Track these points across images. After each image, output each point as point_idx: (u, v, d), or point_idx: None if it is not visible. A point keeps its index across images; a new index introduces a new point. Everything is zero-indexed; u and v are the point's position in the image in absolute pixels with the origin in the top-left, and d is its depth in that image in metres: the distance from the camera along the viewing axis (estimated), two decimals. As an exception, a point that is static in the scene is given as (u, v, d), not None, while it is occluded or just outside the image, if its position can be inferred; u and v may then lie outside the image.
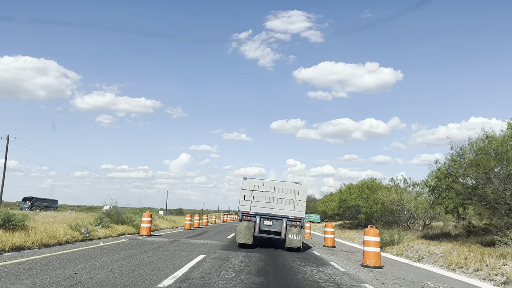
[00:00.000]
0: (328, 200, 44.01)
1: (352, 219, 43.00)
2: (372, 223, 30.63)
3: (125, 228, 18.06)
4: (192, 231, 21.95)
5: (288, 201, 12.13)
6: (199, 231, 21.61)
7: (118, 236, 15.76)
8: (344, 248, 16.33)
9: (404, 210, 24.74)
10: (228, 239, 16.21)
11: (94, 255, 8.86)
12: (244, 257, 9.99)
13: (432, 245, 15.03)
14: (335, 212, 38.98)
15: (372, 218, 29.70)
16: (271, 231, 12.25)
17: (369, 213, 28.52)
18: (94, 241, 12.57)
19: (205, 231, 22.00)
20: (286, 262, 9.71)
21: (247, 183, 12.43)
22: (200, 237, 16.51)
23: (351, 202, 29.55)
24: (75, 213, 32.07)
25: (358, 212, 32.06)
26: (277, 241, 13.50)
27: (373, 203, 28.18)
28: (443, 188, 15.46)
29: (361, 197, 29.36)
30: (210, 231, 22.95)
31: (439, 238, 19.29)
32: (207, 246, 12.57)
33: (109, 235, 15.28)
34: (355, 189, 30.19)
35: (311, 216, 56.84)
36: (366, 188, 29.64)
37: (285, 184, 12.41)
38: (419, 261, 13.11)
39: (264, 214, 12.20)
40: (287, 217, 12.07)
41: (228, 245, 13.21)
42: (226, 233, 21.34)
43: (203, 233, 19.80)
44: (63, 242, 11.57)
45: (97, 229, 16.02)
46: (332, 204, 40.94)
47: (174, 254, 9.68)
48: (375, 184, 29.92)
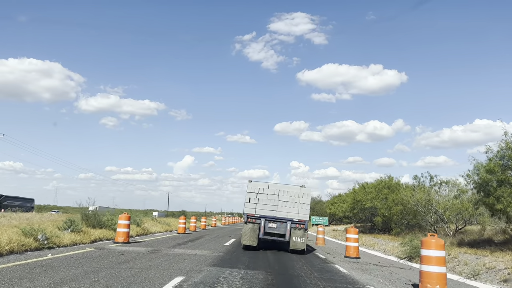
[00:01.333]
0: (338, 201, 40.68)
1: (363, 222, 39.60)
2: (390, 227, 27.25)
3: (103, 233, 14.99)
4: (185, 236, 18.75)
5: (292, 204, 12.20)
6: (193, 236, 18.40)
7: (91, 242, 12.75)
8: (372, 259, 13.05)
9: (431, 212, 21.40)
10: (225, 248, 12.97)
11: (13, 278, 5.69)
12: (242, 280, 6.76)
13: (481, 256, 11.81)
14: (346, 214, 35.65)
15: (390, 221, 26.35)
16: (276, 233, 12.27)
17: (388, 216, 25.17)
18: (53, 250, 9.61)
19: (200, 236, 18.79)
20: (304, 286, 6.51)
21: (252, 186, 12.48)
22: (190, 245, 13.29)
23: (366, 203, 26.24)
24: (57, 215, 28.97)
25: (373, 215, 28.75)
26: (282, 243, 13.48)
27: (392, 204, 24.84)
28: (497, 183, 12.21)
29: (378, 198, 26.06)
30: (206, 235, 19.75)
31: (480, 245, 15.98)
32: (194, 259, 9.36)
33: (79, 241, 12.23)
34: (371, 189, 26.86)
35: (318, 219, 53.53)
36: (384, 187, 26.34)
37: (290, 187, 12.48)
38: (474, 277, 9.91)
39: (268, 217, 12.23)
40: (291, 220, 12.13)
41: (222, 258, 10.00)
42: (224, 239, 18.12)
43: (196, 239, 16.59)
44: (4, 252, 8.52)
45: (64, 234, 12.96)
46: (343, 205, 37.61)
47: (136, 277, 6.48)
48: (394, 183, 26.64)
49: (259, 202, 12.40)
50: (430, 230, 22.45)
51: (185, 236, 18.36)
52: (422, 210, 22.04)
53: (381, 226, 27.54)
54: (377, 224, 27.22)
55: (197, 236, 18.74)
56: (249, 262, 9.56)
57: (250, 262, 9.49)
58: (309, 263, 10.31)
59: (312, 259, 11.39)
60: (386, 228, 27.82)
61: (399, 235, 24.62)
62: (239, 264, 9.00)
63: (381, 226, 27.38)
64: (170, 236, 18.34)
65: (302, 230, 12.11)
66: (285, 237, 12.17)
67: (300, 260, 10.81)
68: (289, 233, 12.10)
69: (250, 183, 12.68)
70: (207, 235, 20.21)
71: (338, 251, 15.35)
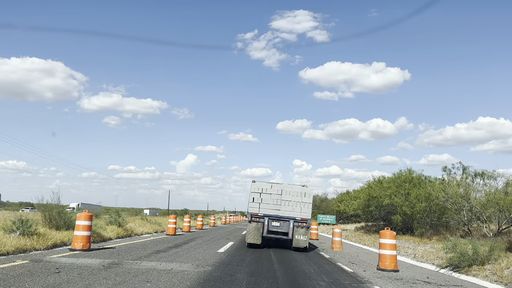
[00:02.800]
0: (348, 198, 37.42)
1: (376, 220, 36.30)
2: (412, 227, 23.94)
3: (69, 235, 11.96)
4: (174, 238, 15.57)
5: (294, 203, 12.49)
6: (182, 239, 15.21)
7: (48, 248, 9.89)
8: (415, 272, 9.79)
9: (464, 210, 18.11)
10: (217, 258, 9.79)
11: None
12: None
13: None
14: (357, 212, 32.36)
15: (412, 220, 23.06)
16: (279, 231, 12.57)
17: (409, 214, 21.88)
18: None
19: (191, 239, 15.60)
20: None
21: (256, 186, 12.78)
22: (170, 254, 10.10)
23: (385, 200, 22.95)
24: (32, 213, 25.79)
25: (390, 213, 25.46)
26: (285, 241, 13.95)
27: (416, 201, 21.56)
28: None
29: (398, 193, 22.78)
30: (200, 238, 16.56)
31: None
32: (163, 281, 6.16)
33: (30, 247, 9.35)
34: (389, 183, 23.55)
35: (325, 217, 50.13)
36: (404, 181, 23.06)
37: (292, 187, 12.76)
38: None
39: (272, 216, 12.56)
40: (294, 219, 12.45)
41: (209, 277, 6.79)
42: (220, 242, 14.93)
43: (184, 243, 13.40)
44: None
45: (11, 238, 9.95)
46: (354, 203, 34.30)
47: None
48: (415, 176, 23.37)
49: (263, 202, 12.70)
50: (461, 231, 19.17)
51: (173, 239, 15.18)
52: (453, 207, 18.79)
53: (400, 226, 24.25)
54: (396, 223, 23.94)
55: (187, 239, 15.55)
56: (248, 283, 6.37)
57: (250, 284, 6.30)
58: (335, 283, 7.10)
59: (337, 275, 8.17)
60: (406, 228, 24.53)
61: (423, 236, 21.34)
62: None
63: (401, 225, 24.09)
64: (155, 239, 15.18)
65: (305, 228, 12.45)
66: (288, 235, 12.51)
67: (321, 278, 7.60)
68: (292, 231, 12.42)
69: (254, 183, 12.90)
70: (200, 237, 17.03)
71: (364, 259, 12.13)
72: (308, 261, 10.35)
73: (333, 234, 14.69)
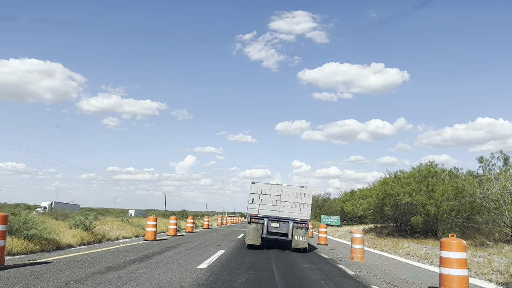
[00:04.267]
0: (356, 197, 34.16)
1: (385, 222, 33.02)
2: (435, 229, 20.66)
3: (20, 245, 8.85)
4: (149, 246, 12.28)
5: (294, 204, 12.50)
6: (158, 248, 11.92)
7: None
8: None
9: (505, 208, 14.87)
10: (194, 280, 6.53)
11: None
12: None
13: None
14: (367, 212, 29.06)
15: (436, 221, 19.81)
16: (278, 232, 12.56)
17: (434, 214, 18.63)
18: None
19: (170, 247, 12.31)
20: None
21: (255, 187, 12.81)
22: (122, 274, 6.81)
23: (404, 198, 19.68)
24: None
25: (408, 213, 22.21)
26: (284, 242, 13.93)
27: (442, 198, 18.31)
28: None
29: (419, 190, 19.54)
30: (183, 245, 13.27)
31: None
32: None
33: None
34: (409, 179, 20.27)
35: (329, 218, 46.64)
36: (427, 176, 19.80)
37: (291, 188, 12.78)
38: None
39: (271, 217, 12.55)
40: (293, 219, 12.46)
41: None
42: (207, 250, 11.65)
43: (160, 253, 10.10)
44: None
45: None
46: (363, 202, 31.03)
47: None
48: (439, 170, 20.14)
49: (262, 203, 12.66)
50: (505, 234, 15.89)
51: (148, 247, 11.91)
52: (492, 206, 15.53)
53: (421, 228, 20.99)
54: (416, 225, 20.67)
55: (166, 246, 12.27)
56: None
57: None
58: None
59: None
60: (427, 230, 21.26)
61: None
62: None
63: (422, 227, 20.82)
64: (125, 246, 11.92)
65: (304, 229, 12.42)
66: (288, 236, 12.47)
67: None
68: (291, 232, 12.40)
69: (253, 184, 12.87)
70: (185, 243, 13.76)
71: (402, 276, 8.83)
72: (329, 283, 7.08)
73: (353, 240, 11.38)
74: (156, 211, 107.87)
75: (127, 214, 72.12)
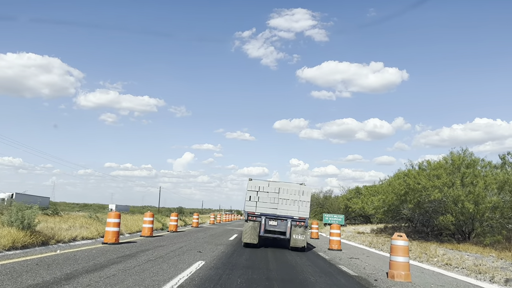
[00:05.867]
0: (368, 194, 30.54)
1: (397, 222, 29.41)
2: (469, 231, 17.07)
3: None
4: (102, 252, 8.65)
5: (292, 201, 12.22)
6: (114, 255, 8.30)
7: None
8: None
9: None
10: None
11: None
12: None
13: None
14: (381, 211, 25.40)
15: (473, 221, 16.22)
16: (276, 231, 12.27)
17: (471, 212, 15.04)
18: None
19: (131, 254, 8.66)
20: None
21: (253, 184, 12.52)
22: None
23: (433, 193, 16.07)
24: None
25: (433, 211, 18.62)
26: (282, 241, 13.47)
27: (484, 194, 14.72)
28: None
29: (452, 184, 15.94)
30: (150, 251, 9.62)
31: None
32: None
33: None
34: (439, 170, 16.64)
35: (332, 217, 42.65)
36: (461, 166, 16.22)
37: (290, 185, 12.49)
38: None
39: (269, 215, 12.26)
40: (292, 217, 12.13)
41: None
42: (179, 263, 8.03)
43: (83, 274, 6.48)
44: None
45: None
46: (373, 199, 27.42)
47: None
48: (475, 159, 16.57)
49: (260, 200, 12.35)
50: None
51: (101, 253, 8.33)
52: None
53: (451, 229, 17.39)
54: (445, 225, 17.07)
55: (126, 254, 8.67)
56: None
57: None
58: None
59: None
60: (458, 231, 17.67)
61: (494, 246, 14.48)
62: None
63: (453, 228, 17.21)
64: (68, 252, 8.40)
65: (303, 228, 12.11)
66: (286, 234, 12.13)
67: None
68: (289, 230, 12.07)
69: (250, 181, 12.62)
70: (155, 249, 10.15)
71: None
72: None
73: (394, 250, 7.70)
74: (152, 207, 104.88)
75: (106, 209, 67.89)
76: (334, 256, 11.84)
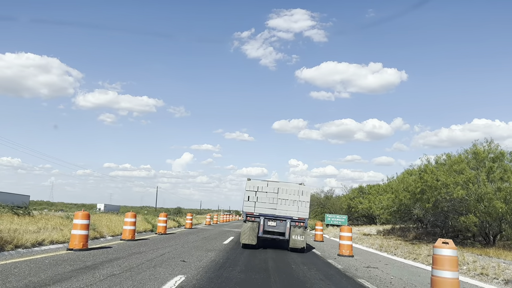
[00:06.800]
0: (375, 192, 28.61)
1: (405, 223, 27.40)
2: (497, 233, 15.12)
3: None
4: (61, 260, 6.71)
5: (291, 202, 12.07)
6: (75, 265, 6.38)
7: None
8: None
9: None
10: None
11: None
12: None
13: None
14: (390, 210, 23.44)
15: (500, 222, 14.29)
16: (275, 231, 12.11)
17: (501, 212, 13.11)
18: None
19: (98, 263, 6.74)
20: None
21: (251, 184, 12.41)
22: None
23: (455, 190, 14.14)
24: None
25: (451, 211, 16.68)
26: (281, 242, 13.25)
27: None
28: None
29: (476, 180, 14.00)
30: (124, 259, 7.70)
31: None
32: None
33: None
34: (462, 164, 14.70)
35: (334, 218, 40.69)
36: (485, 159, 14.27)
37: (289, 185, 12.36)
38: None
39: (268, 215, 12.08)
40: (291, 218, 11.96)
41: None
42: (146, 280, 6.04)
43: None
44: None
45: None
46: (381, 198, 25.47)
47: None
48: (501, 152, 14.64)
49: (258, 201, 12.18)
50: None
51: (59, 262, 6.43)
52: None
53: (475, 231, 15.42)
54: (466, 227, 15.13)
55: (92, 263, 6.74)
56: None
57: None
58: None
59: None
60: (483, 234, 15.72)
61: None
62: None
63: (476, 230, 15.25)
64: (16, 261, 6.34)
65: (302, 228, 11.89)
66: (285, 235, 11.93)
67: None
68: (288, 231, 11.86)
69: (249, 181, 12.50)
70: (131, 256, 8.22)
71: None
72: None
73: (437, 261, 5.77)
74: (151, 208, 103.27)
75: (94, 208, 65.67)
76: (347, 265, 9.89)
